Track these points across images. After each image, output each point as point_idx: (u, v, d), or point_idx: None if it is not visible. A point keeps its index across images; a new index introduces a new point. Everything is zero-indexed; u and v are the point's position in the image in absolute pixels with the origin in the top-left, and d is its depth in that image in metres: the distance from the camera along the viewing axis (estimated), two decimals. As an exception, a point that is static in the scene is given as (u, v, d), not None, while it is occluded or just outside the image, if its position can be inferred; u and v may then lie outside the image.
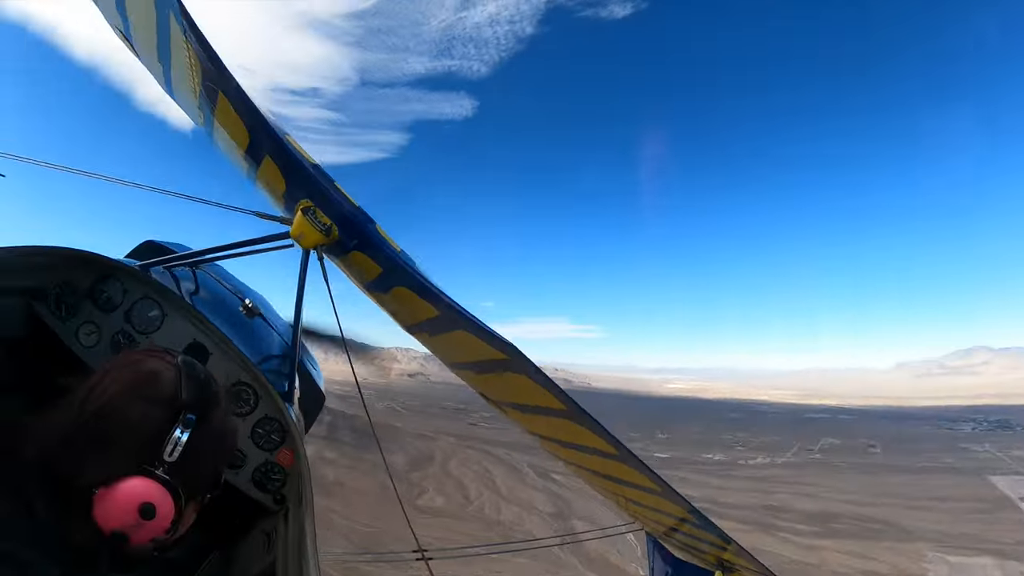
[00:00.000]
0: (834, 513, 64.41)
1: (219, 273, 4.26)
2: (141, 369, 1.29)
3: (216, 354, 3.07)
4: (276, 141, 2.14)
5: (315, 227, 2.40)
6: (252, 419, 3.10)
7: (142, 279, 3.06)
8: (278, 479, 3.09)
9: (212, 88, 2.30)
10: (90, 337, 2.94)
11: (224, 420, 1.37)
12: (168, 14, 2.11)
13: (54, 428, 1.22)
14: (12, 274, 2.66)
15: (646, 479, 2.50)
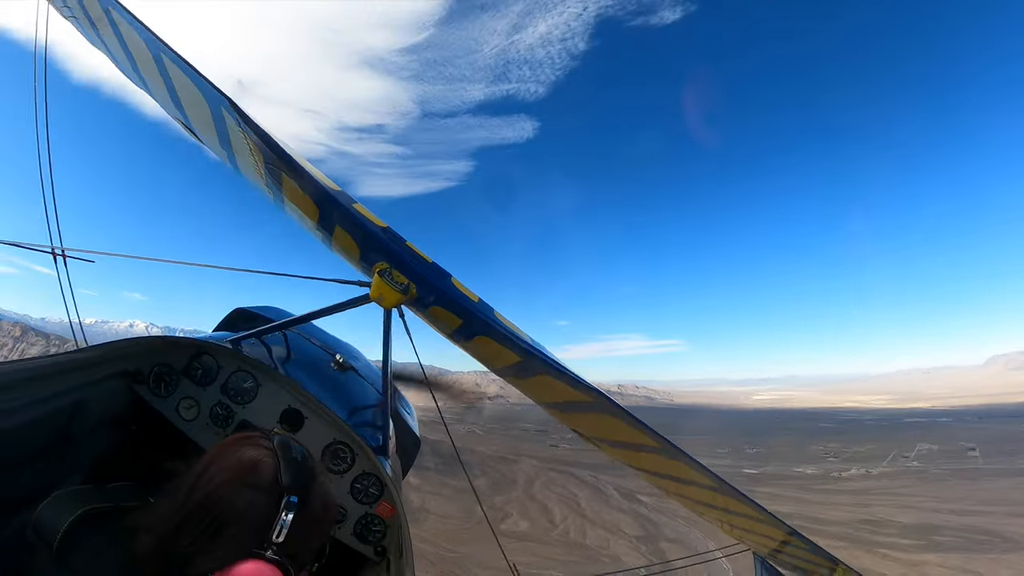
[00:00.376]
0: (935, 525, 61.14)
1: (309, 331, 4.40)
2: (242, 458, 1.34)
3: (311, 417, 3.23)
4: (344, 211, 2.21)
5: (393, 288, 2.49)
6: (350, 476, 3.25)
7: (234, 353, 3.22)
8: (378, 531, 3.23)
9: (275, 169, 2.41)
10: (190, 411, 3.12)
11: (323, 495, 1.42)
12: (220, 109, 2.23)
13: (165, 517, 1.30)
14: (113, 362, 2.84)
15: (745, 507, 2.56)
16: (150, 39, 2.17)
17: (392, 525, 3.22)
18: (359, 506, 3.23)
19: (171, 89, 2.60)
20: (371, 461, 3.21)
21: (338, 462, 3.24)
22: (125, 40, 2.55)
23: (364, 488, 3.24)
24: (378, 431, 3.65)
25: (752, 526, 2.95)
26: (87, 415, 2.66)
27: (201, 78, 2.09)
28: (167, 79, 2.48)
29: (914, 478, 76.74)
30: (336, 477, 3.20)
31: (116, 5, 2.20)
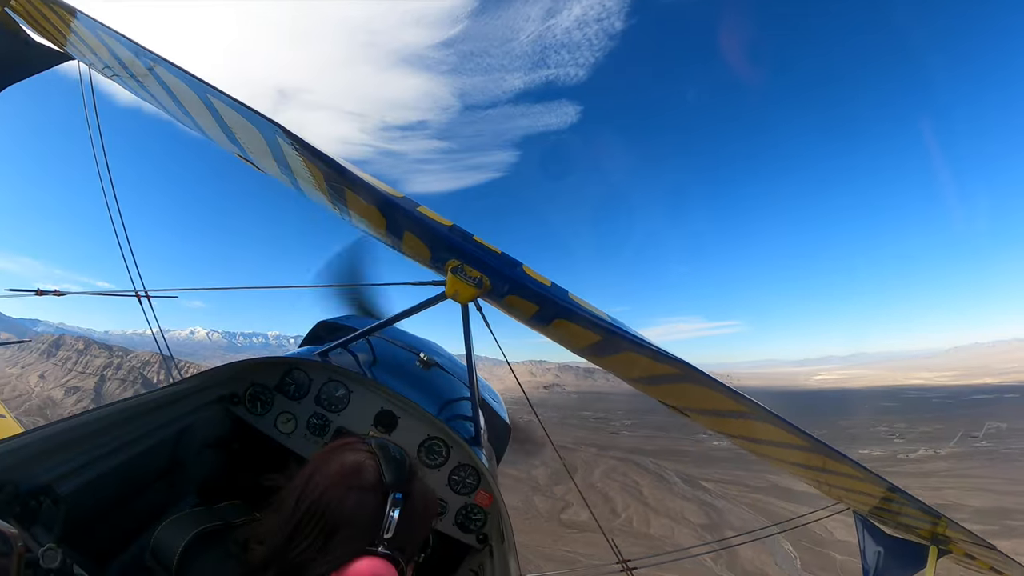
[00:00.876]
0: (1008, 508, 59.95)
1: (391, 335, 4.50)
2: (345, 463, 1.40)
3: (403, 417, 3.35)
4: (409, 215, 2.27)
5: (467, 283, 2.55)
6: (447, 468, 3.36)
7: (323, 365, 3.36)
8: (479, 519, 3.33)
9: (338, 187, 2.47)
10: (287, 424, 3.27)
11: (423, 489, 1.48)
12: (274, 137, 2.28)
13: (275, 528, 1.37)
14: (211, 388, 3.01)
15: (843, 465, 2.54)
16: (195, 84, 2.24)
17: (492, 512, 3.31)
18: (458, 497, 3.35)
19: (223, 125, 2.68)
20: (466, 452, 3.32)
21: (434, 457, 3.37)
22: (171, 88, 2.64)
23: (461, 479, 3.36)
24: (469, 423, 3.74)
25: (851, 484, 2.93)
26: (192, 440, 2.82)
27: (251, 112, 2.15)
28: (217, 117, 2.56)
29: (984, 459, 75.19)
30: (433, 471, 3.33)
31: (159, 60, 2.27)
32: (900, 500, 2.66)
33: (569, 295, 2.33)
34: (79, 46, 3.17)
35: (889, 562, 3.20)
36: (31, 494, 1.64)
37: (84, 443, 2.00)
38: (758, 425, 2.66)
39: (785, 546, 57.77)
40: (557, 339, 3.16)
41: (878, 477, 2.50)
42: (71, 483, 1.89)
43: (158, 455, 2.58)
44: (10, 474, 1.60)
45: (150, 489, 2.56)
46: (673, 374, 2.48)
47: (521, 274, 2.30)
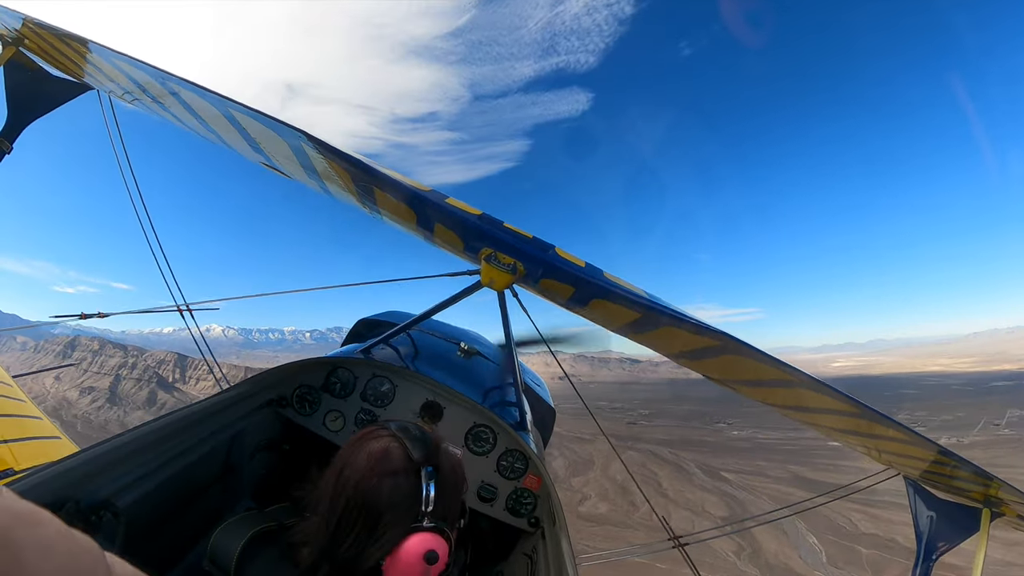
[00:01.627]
0: None
1: (431, 327, 4.59)
2: (371, 452, 1.43)
3: (449, 407, 3.40)
4: (438, 208, 2.30)
5: (501, 270, 2.58)
6: (495, 454, 3.40)
7: (366, 361, 3.43)
8: (529, 503, 3.36)
9: (366, 186, 2.51)
10: (336, 422, 3.34)
11: (449, 457, 1.53)
12: (299, 144, 2.32)
13: (319, 528, 1.41)
14: (260, 393, 3.09)
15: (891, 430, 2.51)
16: (216, 100, 2.27)
17: (542, 495, 3.35)
18: (507, 482, 3.39)
19: (247, 137, 2.72)
20: (512, 438, 3.36)
21: (481, 443, 3.42)
22: (192, 106, 2.69)
23: (510, 464, 3.40)
24: (513, 408, 3.78)
25: (900, 449, 2.90)
26: (244, 445, 2.89)
27: (274, 121, 2.19)
28: (241, 129, 2.60)
29: (1007, 447, 74.25)
30: (481, 458, 3.39)
31: (178, 81, 2.29)
32: (951, 463, 2.62)
33: (604, 274, 2.31)
34: (97, 76, 3.16)
35: (942, 526, 3.17)
36: (92, 509, 1.73)
37: (140, 456, 2.07)
38: (804, 393, 2.62)
39: (810, 540, 57.17)
40: (595, 319, 3.16)
41: (927, 440, 2.47)
42: (129, 496, 1.96)
43: (212, 462, 2.65)
44: (71, 491, 1.69)
45: (205, 495, 2.63)
46: (714, 346, 2.44)
47: (554, 257, 2.29)
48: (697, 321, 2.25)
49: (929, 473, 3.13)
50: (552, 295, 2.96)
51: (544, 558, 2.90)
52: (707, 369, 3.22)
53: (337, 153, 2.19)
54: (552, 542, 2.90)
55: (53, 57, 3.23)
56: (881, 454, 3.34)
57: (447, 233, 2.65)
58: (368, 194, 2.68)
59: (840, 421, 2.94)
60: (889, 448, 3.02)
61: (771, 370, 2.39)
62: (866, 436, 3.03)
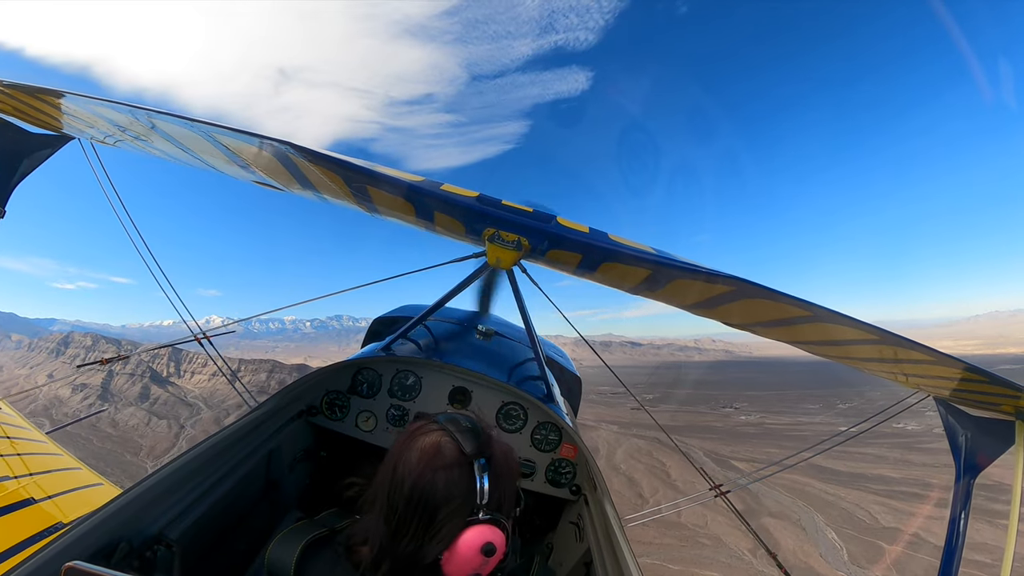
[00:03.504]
0: None
1: (446, 315, 4.68)
2: (423, 448, 1.42)
3: (476, 390, 3.51)
4: (435, 196, 2.31)
5: (506, 248, 2.58)
6: (528, 430, 3.49)
7: (388, 359, 3.52)
8: (568, 472, 3.44)
9: (360, 187, 2.50)
10: (368, 422, 3.47)
11: (501, 447, 1.52)
12: (286, 156, 2.32)
13: (376, 527, 1.41)
14: (289, 406, 3.19)
15: (915, 352, 2.46)
16: (198, 127, 2.22)
17: (579, 463, 3.41)
18: (544, 455, 3.45)
19: (235, 158, 2.69)
20: (542, 411, 3.40)
21: (513, 421, 3.48)
22: (175, 137, 2.65)
23: (544, 437, 3.46)
24: (539, 382, 3.79)
25: (926, 370, 2.79)
26: (282, 460, 3.02)
27: (259, 137, 2.14)
28: (227, 152, 2.56)
29: None
30: (515, 435, 3.45)
31: (157, 115, 2.26)
32: (978, 378, 2.54)
33: (609, 236, 2.29)
34: (76, 124, 3.17)
35: (976, 443, 3.07)
36: (145, 545, 1.83)
37: (183, 487, 2.14)
38: (826, 327, 2.52)
39: (829, 535, 55.75)
40: (607, 282, 3.02)
41: (952, 358, 2.40)
42: (179, 527, 2.06)
43: (254, 481, 2.76)
44: (122, 532, 1.76)
45: (253, 514, 2.75)
46: (729, 292, 2.39)
47: (557, 227, 2.27)
48: (708, 269, 2.21)
49: (959, 391, 3.01)
50: (561, 265, 2.86)
51: (591, 524, 2.98)
52: (726, 316, 3.01)
53: (326, 159, 2.17)
54: (596, 507, 3.00)
55: (28, 115, 3.12)
56: (908, 378, 3.15)
57: (447, 220, 2.57)
58: (363, 194, 2.59)
59: (864, 350, 2.80)
60: (916, 371, 2.88)
61: (789, 308, 2.34)
62: (891, 362, 2.86)
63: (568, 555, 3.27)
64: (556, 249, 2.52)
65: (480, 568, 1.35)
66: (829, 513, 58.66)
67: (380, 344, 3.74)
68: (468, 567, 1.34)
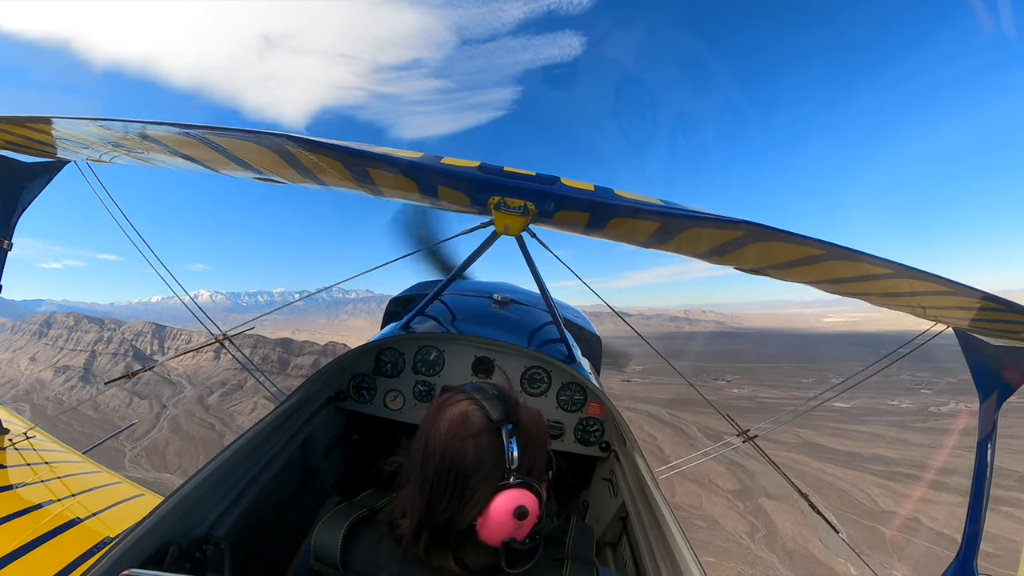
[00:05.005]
0: None
1: (460, 287, 4.84)
2: (451, 418, 1.41)
3: (498, 358, 3.54)
4: (436, 171, 2.22)
5: (513, 214, 2.49)
6: (553, 392, 3.52)
7: (408, 337, 3.56)
8: (596, 430, 3.47)
9: (360, 170, 2.44)
10: (396, 401, 3.53)
11: (529, 412, 1.52)
12: (283, 148, 2.26)
13: (412, 500, 1.41)
14: (318, 393, 3.27)
15: (930, 284, 2.36)
16: (191, 131, 2.23)
17: (607, 420, 3.48)
18: (571, 415, 3.52)
19: (232, 157, 2.64)
20: (565, 372, 3.49)
21: (537, 384, 3.56)
22: (170, 144, 2.62)
23: (569, 397, 3.53)
24: (559, 344, 3.85)
25: (943, 302, 2.70)
26: (316, 447, 3.16)
27: (254, 134, 2.14)
28: (222, 151, 2.53)
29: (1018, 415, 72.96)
30: (540, 398, 3.55)
31: (149, 126, 2.28)
32: (996, 307, 2.50)
33: (615, 192, 2.24)
34: (69, 147, 3.14)
35: (998, 372, 2.96)
36: (194, 547, 1.89)
37: (223, 486, 2.21)
38: (840, 264, 2.51)
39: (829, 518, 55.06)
40: (617, 238, 3.01)
41: (968, 288, 2.37)
42: (225, 524, 2.15)
43: (291, 472, 2.88)
44: (170, 536, 1.82)
45: (294, 503, 2.90)
46: (740, 237, 2.36)
47: (562, 187, 2.24)
48: (718, 216, 2.16)
49: (978, 321, 2.94)
50: (569, 226, 2.82)
51: (623, 478, 3.06)
52: (738, 261, 3.02)
53: (324, 146, 2.14)
54: (627, 462, 3.08)
55: (18, 145, 3.06)
56: (926, 310, 3.08)
57: (451, 193, 2.56)
58: (365, 177, 2.57)
59: (880, 285, 2.75)
60: (933, 303, 2.84)
61: (802, 248, 2.29)
62: (907, 295, 2.83)
63: (604, 511, 3.31)
64: (563, 210, 2.46)
65: (514, 532, 1.36)
66: (827, 494, 58.44)
67: (399, 323, 3.84)
68: (502, 531, 1.36)
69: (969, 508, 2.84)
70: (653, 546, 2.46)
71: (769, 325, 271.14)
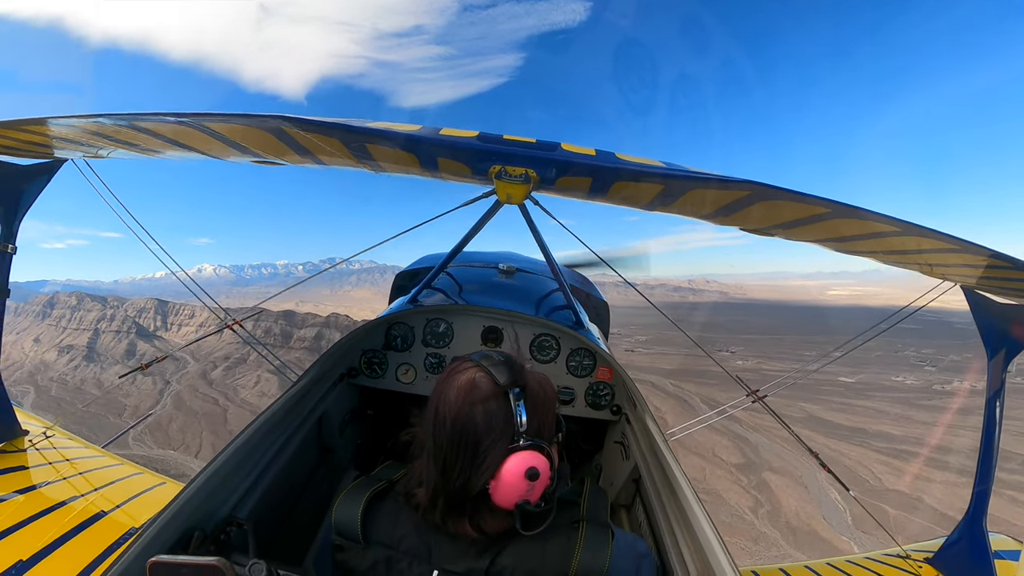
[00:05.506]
0: None
1: (466, 259, 4.76)
2: (459, 385, 1.44)
3: (506, 327, 3.52)
4: (435, 143, 2.18)
5: (515, 183, 2.46)
6: (562, 358, 3.51)
7: (416, 310, 3.56)
8: (607, 394, 3.49)
9: (359, 146, 2.41)
10: (407, 375, 3.55)
11: (535, 376, 1.54)
12: (281, 130, 2.24)
13: (426, 468, 1.45)
14: (329, 374, 3.29)
15: (937, 241, 2.31)
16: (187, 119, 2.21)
17: (616, 384, 3.50)
18: (581, 380, 3.53)
19: (229, 142, 2.63)
20: (574, 338, 3.49)
21: (546, 351, 3.55)
22: (166, 135, 2.62)
23: (579, 363, 3.52)
24: (567, 310, 3.87)
25: (949, 259, 2.68)
26: (331, 425, 3.20)
27: (249, 117, 2.12)
28: (218, 136, 2.51)
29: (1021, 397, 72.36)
30: (550, 364, 3.53)
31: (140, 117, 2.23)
32: (1003, 264, 2.46)
33: (617, 156, 2.18)
34: (65, 146, 3.11)
35: (1007, 330, 2.96)
36: (218, 530, 1.90)
37: (243, 468, 2.24)
38: (846, 222, 2.47)
39: (832, 495, 55.58)
40: (621, 202, 2.94)
41: (975, 245, 2.30)
42: (247, 505, 2.19)
43: (308, 449, 2.92)
44: (194, 521, 1.85)
45: (313, 480, 2.98)
46: (745, 196, 2.33)
47: (563, 153, 2.17)
48: (721, 176, 2.14)
49: (985, 279, 2.92)
50: (571, 192, 2.80)
51: (635, 441, 3.09)
52: (743, 221, 2.93)
53: (322, 125, 2.10)
54: (638, 424, 3.10)
55: (15, 149, 3.08)
56: (933, 268, 3.03)
57: (452, 164, 2.52)
58: (364, 153, 2.55)
59: (885, 243, 2.73)
60: (939, 260, 2.82)
61: (807, 206, 2.27)
62: (914, 253, 2.79)
63: (617, 474, 3.35)
64: (565, 176, 2.42)
65: (527, 493, 1.39)
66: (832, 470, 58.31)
67: (407, 297, 3.85)
68: (515, 493, 1.39)
69: (978, 465, 2.85)
70: (667, 507, 2.49)
71: (773, 297, 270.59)
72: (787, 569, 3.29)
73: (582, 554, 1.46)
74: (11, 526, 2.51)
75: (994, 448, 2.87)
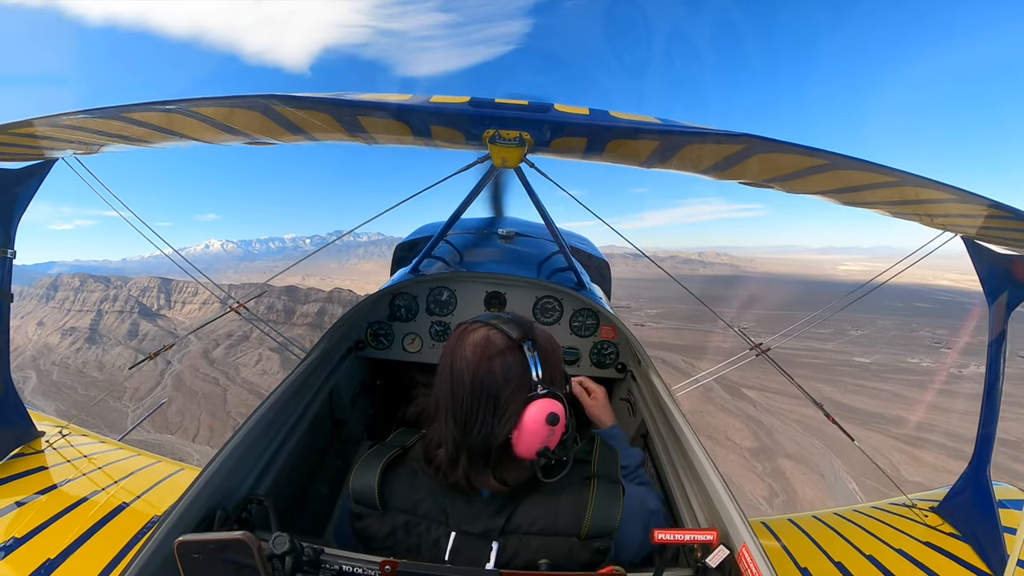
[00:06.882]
0: None
1: (464, 226, 4.89)
2: (474, 343, 1.49)
3: (509, 291, 3.63)
4: (426, 111, 2.18)
5: (509, 146, 2.45)
6: (565, 319, 3.63)
7: (418, 280, 3.65)
8: (611, 352, 3.60)
9: (351, 119, 2.43)
10: (414, 344, 3.64)
11: (542, 331, 1.62)
12: (270, 108, 2.23)
13: (447, 427, 1.50)
14: (336, 347, 3.29)
15: (936, 191, 2.36)
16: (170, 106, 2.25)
17: (620, 342, 3.57)
18: (585, 340, 3.62)
19: (219, 125, 2.64)
20: (576, 299, 3.58)
21: (549, 314, 3.63)
22: (155, 124, 2.65)
23: (582, 323, 3.61)
24: (568, 271, 3.92)
25: (949, 209, 2.72)
26: (342, 398, 3.26)
27: (236, 98, 2.14)
28: (208, 120, 2.54)
29: None
30: (554, 326, 3.61)
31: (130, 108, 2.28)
32: (1003, 214, 2.49)
33: (611, 113, 2.20)
34: (55, 145, 3.13)
35: (1008, 280, 2.96)
36: (239, 508, 1.94)
37: (259, 446, 2.27)
38: (844, 174, 2.51)
39: (851, 486, 54.11)
40: (617, 161, 2.96)
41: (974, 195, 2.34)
42: (265, 482, 2.25)
43: (321, 425, 2.95)
44: (215, 501, 1.88)
45: (328, 454, 3.03)
46: (741, 150, 2.34)
47: (556, 114, 2.19)
48: (717, 130, 2.14)
49: (986, 229, 2.93)
50: (567, 152, 2.82)
51: (641, 397, 3.17)
52: (741, 175, 2.94)
53: (311, 101, 2.14)
54: (644, 380, 3.15)
55: (7, 154, 3.08)
56: (933, 219, 3.07)
57: (445, 131, 2.54)
58: (356, 127, 2.57)
59: (884, 194, 2.76)
60: (939, 211, 2.86)
61: (804, 158, 2.28)
62: (914, 203, 2.83)
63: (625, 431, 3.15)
64: (560, 137, 2.43)
65: (547, 440, 1.46)
66: (848, 458, 56.63)
67: (408, 268, 3.89)
68: (537, 439, 1.45)
69: (981, 411, 2.81)
70: (675, 460, 2.51)
71: (785, 271, 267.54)
72: (795, 519, 3.22)
73: (594, 511, 1.51)
74: (36, 527, 2.49)
75: (997, 393, 2.79)
